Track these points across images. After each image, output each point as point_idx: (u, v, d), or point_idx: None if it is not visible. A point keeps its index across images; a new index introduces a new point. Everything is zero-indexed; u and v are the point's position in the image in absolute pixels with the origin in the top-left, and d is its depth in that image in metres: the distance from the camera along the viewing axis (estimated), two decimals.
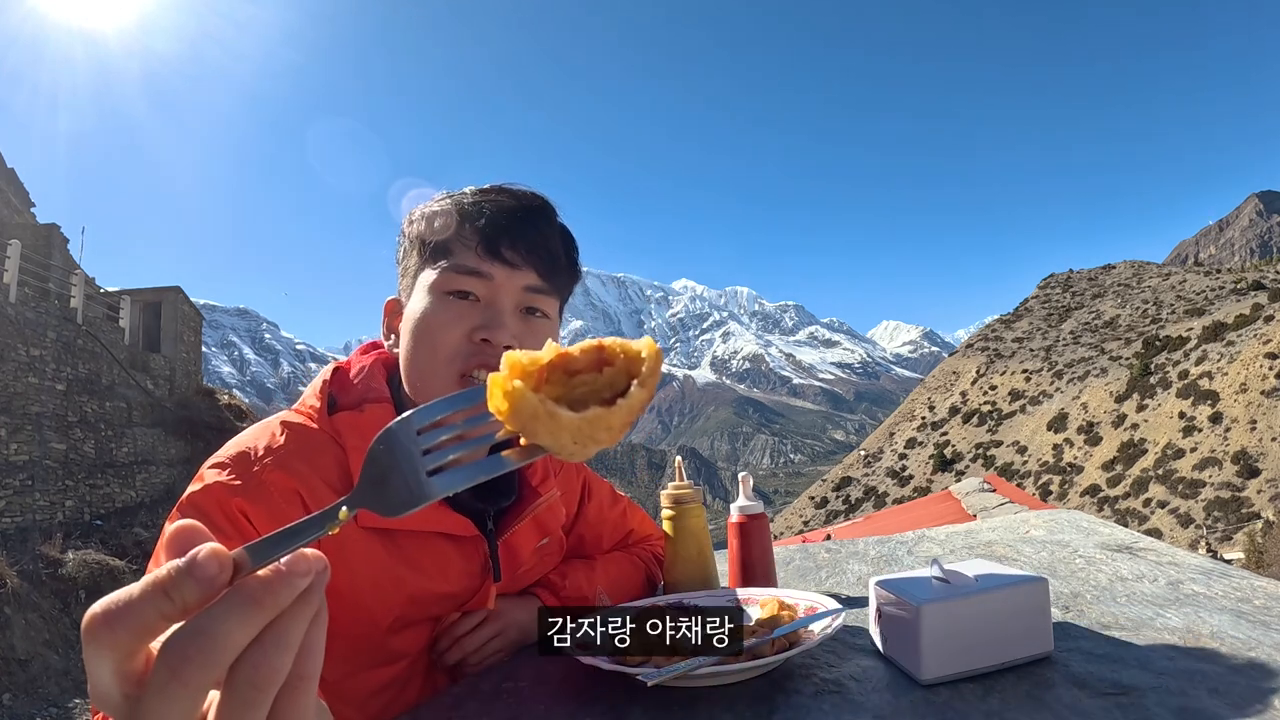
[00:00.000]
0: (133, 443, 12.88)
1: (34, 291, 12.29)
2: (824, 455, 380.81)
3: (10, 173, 18.97)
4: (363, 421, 0.85)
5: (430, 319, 0.85)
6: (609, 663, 0.73)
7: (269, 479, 0.78)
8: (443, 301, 0.85)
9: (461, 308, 0.85)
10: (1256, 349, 60.49)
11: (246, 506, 0.76)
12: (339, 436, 0.85)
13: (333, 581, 0.83)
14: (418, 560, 0.86)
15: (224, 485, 0.77)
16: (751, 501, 1.09)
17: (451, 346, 0.84)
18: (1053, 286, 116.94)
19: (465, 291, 0.85)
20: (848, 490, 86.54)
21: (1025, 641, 0.70)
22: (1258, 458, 52.71)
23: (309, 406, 0.88)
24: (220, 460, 0.80)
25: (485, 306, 0.86)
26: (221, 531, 0.73)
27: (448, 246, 0.86)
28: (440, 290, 0.85)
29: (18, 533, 9.68)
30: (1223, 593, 0.87)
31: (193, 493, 0.77)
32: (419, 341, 0.85)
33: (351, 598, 0.81)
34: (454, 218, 0.87)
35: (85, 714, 7.08)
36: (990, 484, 8.38)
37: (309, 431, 0.84)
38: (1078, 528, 1.35)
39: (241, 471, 0.78)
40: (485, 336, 0.84)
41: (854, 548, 1.44)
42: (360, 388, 0.90)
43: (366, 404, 0.88)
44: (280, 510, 0.77)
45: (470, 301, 0.85)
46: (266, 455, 0.80)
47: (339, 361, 0.97)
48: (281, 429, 0.84)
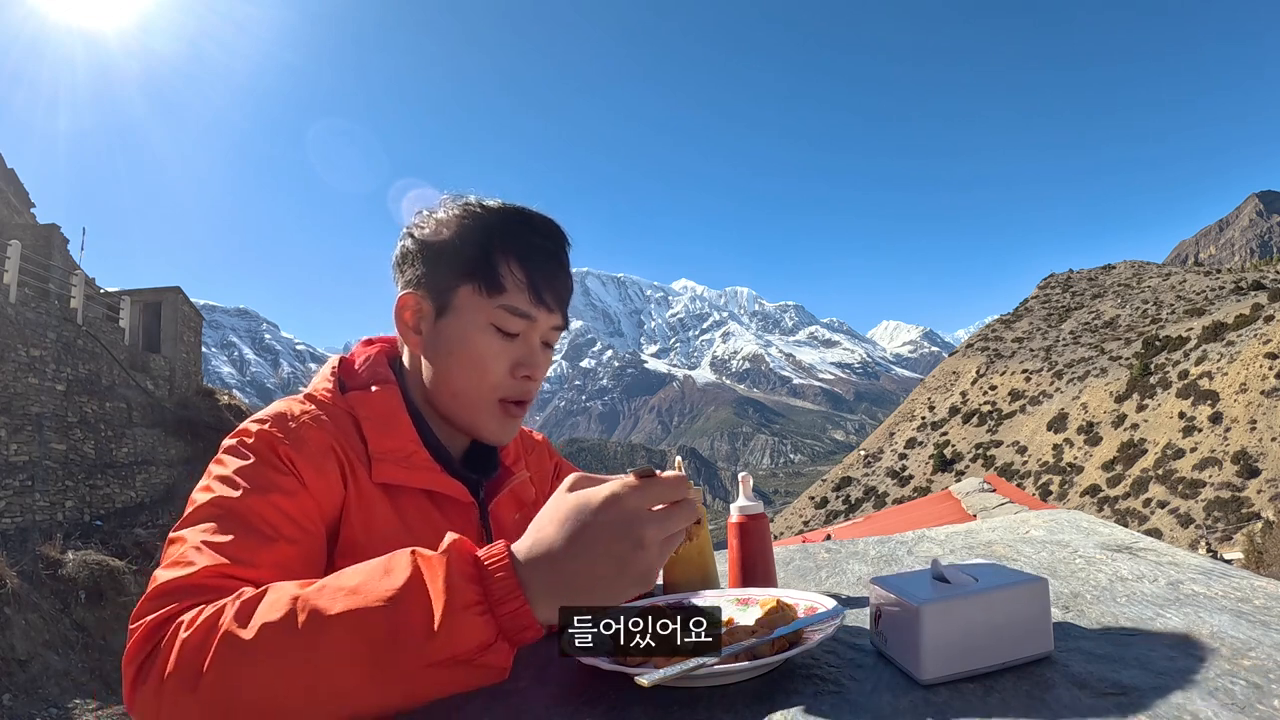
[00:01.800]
0: (133, 443, 12.88)
1: (34, 292, 12.29)
2: (824, 455, 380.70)
3: (10, 173, 18.96)
4: (372, 398, 0.97)
5: (482, 351, 0.95)
6: (609, 663, 0.73)
7: (307, 434, 0.89)
8: (491, 335, 0.95)
9: (506, 343, 0.96)
10: (1256, 349, 60.49)
11: (292, 454, 0.86)
12: (353, 410, 0.95)
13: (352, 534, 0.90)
14: (419, 520, 0.94)
15: (270, 434, 0.87)
16: (751, 501, 1.09)
17: (497, 378, 0.96)
18: (1053, 287, 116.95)
19: (511, 330, 0.96)
20: (848, 490, 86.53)
21: (1025, 641, 0.70)
22: (1258, 458, 52.70)
23: (322, 389, 0.97)
24: (261, 417, 0.90)
25: (522, 342, 0.97)
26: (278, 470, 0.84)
27: (501, 282, 0.94)
28: (490, 324, 0.95)
29: (18, 533, 9.68)
30: (1223, 593, 0.87)
31: (243, 439, 0.87)
32: (466, 368, 0.96)
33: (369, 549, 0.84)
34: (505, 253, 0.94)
35: (85, 714, 7.08)
36: (990, 484, 8.38)
37: (327, 405, 0.95)
38: (1078, 528, 1.35)
39: (282, 426, 0.88)
40: (528, 374, 0.97)
41: (854, 548, 1.44)
42: (366, 374, 1.01)
43: (375, 385, 0.98)
44: (319, 462, 0.87)
45: (511, 338, 0.96)
46: (302, 415, 0.91)
47: (344, 355, 1.05)
48: (305, 401, 0.94)
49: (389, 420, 0.95)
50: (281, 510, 0.81)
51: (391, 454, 0.93)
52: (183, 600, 0.69)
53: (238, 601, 0.65)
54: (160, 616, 0.67)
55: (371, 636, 0.61)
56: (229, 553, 0.74)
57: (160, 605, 0.69)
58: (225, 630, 0.63)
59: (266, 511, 0.80)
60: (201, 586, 0.70)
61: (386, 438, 0.94)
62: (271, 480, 0.82)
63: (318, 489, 0.86)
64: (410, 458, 0.94)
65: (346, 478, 0.89)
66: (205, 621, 0.64)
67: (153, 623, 0.67)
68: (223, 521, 0.77)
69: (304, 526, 0.83)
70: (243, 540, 0.76)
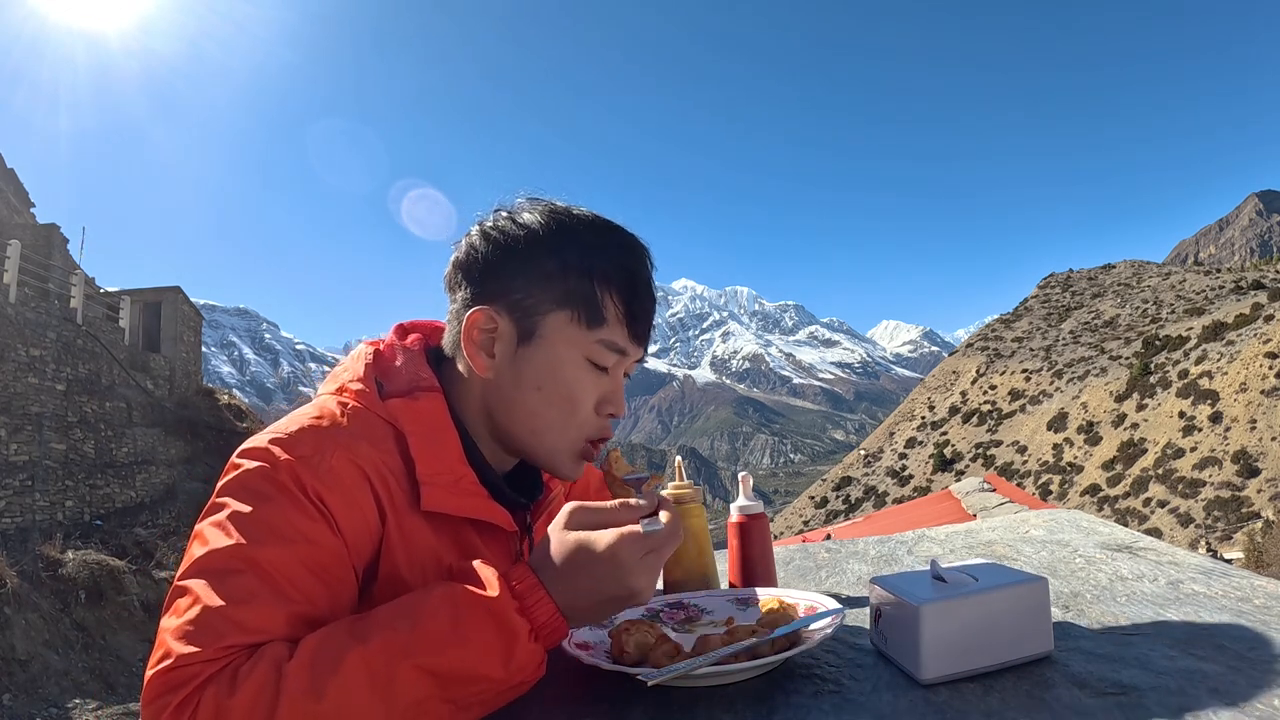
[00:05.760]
0: (133, 443, 12.88)
1: (34, 292, 12.29)
2: (824, 455, 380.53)
3: (10, 173, 18.95)
4: (418, 408, 0.85)
5: (571, 385, 0.87)
6: (609, 663, 0.73)
7: (338, 466, 0.76)
8: (585, 370, 0.87)
9: (597, 378, 0.88)
10: (1256, 348, 60.47)
11: (321, 491, 0.74)
12: (396, 421, 0.84)
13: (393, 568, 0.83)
14: (457, 548, 0.86)
15: (296, 467, 0.75)
16: (751, 501, 1.09)
17: (585, 414, 0.89)
18: (1052, 286, 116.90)
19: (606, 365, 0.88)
20: (848, 490, 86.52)
21: (1025, 641, 0.70)
22: (1258, 457, 52.68)
23: (356, 390, 0.85)
24: (283, 438, 0.77)
25: (610, 377, 0.90)
26: (305, 514, 0.73)
27: (603, 315, 0.86)
28: (585, 358, 0.87)
29: (18, 533, 9.68)
30: (1223, 593, 0.87)
31: (265, 470, 0.74)
32: (556, 405, 0.87)
33: (410, 583, 0.80)
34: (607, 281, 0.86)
35: (85, 714, 7.08)
36: (990, 484, 8.37)
37: (367, 415, 0.83)
38: (1078, 527, 1.35)
39: (309, 456, 0.76)
40: (612, 412, 0.90)
41: (854, 547, 1.44)
42: (407, 375, 0.89)
43: (419, 392, 0.87)
44: (352, 496, 0.76)
45: (604, 372, 0.89)
46: (333, 437, 0.78)
47: (374, 342, 0.95)
48: (339, 411, 0.82)
49: (437, 437, 0.85)
50: (308, 566, 0.71)
51: (439, 477, 0.83)
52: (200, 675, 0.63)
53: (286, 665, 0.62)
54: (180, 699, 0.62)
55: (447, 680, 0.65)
56: (249, 624, 0.66)
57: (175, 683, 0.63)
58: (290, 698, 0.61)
59: (292, 570, 0.70)
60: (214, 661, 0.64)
61: (436, 458, 0.83)
62: (298, 529, 0.72)
63: (350, 529, 0.76)
64: (459, 481, 0.84)
65: (384, 509, 0.79)
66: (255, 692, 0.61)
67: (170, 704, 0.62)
68: (242, 579, 0.68)
69: (333, 579, 0.73)
70: (265, 607, 0.67)
